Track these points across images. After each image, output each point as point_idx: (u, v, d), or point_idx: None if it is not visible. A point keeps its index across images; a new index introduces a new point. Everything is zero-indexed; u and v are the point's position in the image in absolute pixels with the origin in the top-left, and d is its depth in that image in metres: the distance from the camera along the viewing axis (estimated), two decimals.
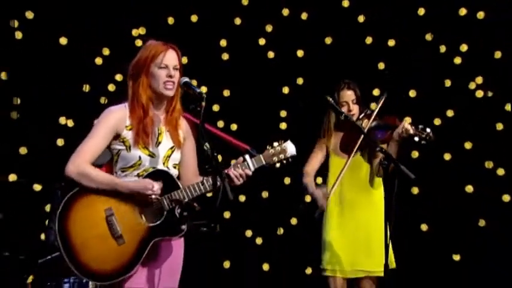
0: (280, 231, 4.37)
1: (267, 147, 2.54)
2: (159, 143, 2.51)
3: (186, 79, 2.48)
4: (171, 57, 2.48)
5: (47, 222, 3.90)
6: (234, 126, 4.29)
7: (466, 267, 4.31)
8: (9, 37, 4.19)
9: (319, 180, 4.38)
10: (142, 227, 2.43)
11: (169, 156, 2.53)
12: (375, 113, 3.49)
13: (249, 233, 4.39)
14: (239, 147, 2.67)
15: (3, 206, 4.08)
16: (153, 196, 2.43)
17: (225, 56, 4.39)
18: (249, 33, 4.48)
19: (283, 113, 4.48)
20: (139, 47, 4.09)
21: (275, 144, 2.54)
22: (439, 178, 4.14)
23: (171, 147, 2.54)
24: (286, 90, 4.50)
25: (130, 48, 4.11)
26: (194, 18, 4.39)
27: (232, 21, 4.44)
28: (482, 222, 4.34)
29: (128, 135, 2.48)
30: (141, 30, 4.33)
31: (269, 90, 4.44)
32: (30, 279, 3.71)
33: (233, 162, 2.54)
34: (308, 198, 4.36)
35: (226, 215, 4.32)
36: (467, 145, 4.35)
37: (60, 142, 4.18)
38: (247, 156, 2.49)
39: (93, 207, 2.44)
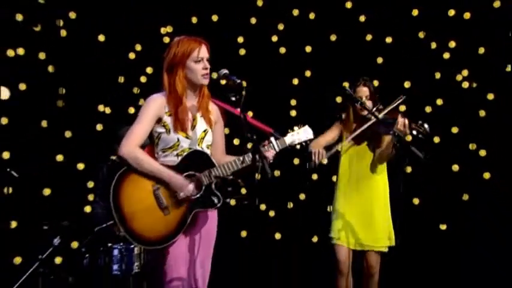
0: (290, 205, 4.53)
1: (289, 130, 2.64)
2: (194, 126, 2.63)
3: (226, 71, 2.54)
4: (204, 51, 2.60)
5: (91, 197, 4.09)
6: (250, 113, 4.30)
7: (451, 235, 4.47)
8: (55, 35, 4.27)
9: (315, 176, 4.56)
10: (184, 200, 2.55)
11: (203, 138, 2.64)
12: (387, 109, 3.48)
13: (263, 207, 4.55)
14: (264, 130, 2.67)
15: (52, 183, 4.18)
16: (181, 195, 2.53)
17: (242, 51, 4.54)
18: (263, 31, 4.59)
19: (293, 102, 4.61)
20: (167, 43, 4.25)
21: (295, 128, 2.66)
22: (429, 158, 4.08)
23: (205, 130, 2.65)
24: (295, 81, 4.62)
25: (159, 44, 4.33)
26: (215, 17, 4.52)
27: (248, 20, 4.57)
28: (465, 196, 4.51)
29: (168, 120, 2.59)
30: (169, 29, 4.44)
31: (281, 81, 4.56)
32: (74, 245, 3.98)
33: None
34: (314, 177, 4.58)
35: (243, 191, 4.29)
36: (454, 129, 4.52)
37: (99, 127, 4.32)
38: (272, 139, 2.58)
39: (142, 183, 2.55)
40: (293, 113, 4.61)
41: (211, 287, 2.69)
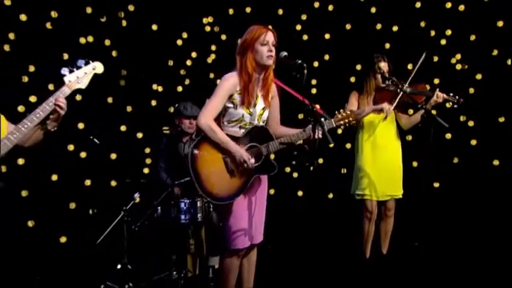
0: (310, 168, 4.54)
1: (336, 112, 2.85)
2: (255, 104, 2.86)
3: (285, 53, 2.68)
4: (270, 36, 2.79)
5: (149, 160, 4.59)
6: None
7: (442, 193, 4.92)
8: (117, 24, 4.62)
9: (331, 144, 4.72)
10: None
11: (261, 115, 2.89)
12: (412, 74, 3.70)
13: (287, 169, 4.99)
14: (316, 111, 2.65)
15: (117, 149, 4.59)
16: (245, 166, 2.74)
17: None
18: (289, 21, 4.91)
19: (313, 81, 4.98)
20: (209, 32, 4.65)
21: (339, 112, 2.86)
22: (426, 128, 3.93)
23: (263, 108, 2.88)
24: (316, 64, 4.99)
25: (202, 33, 4.80)
26: (248, 9, 4.91)
27: (276, 11, 4.94)
28: (456, 160, 4.97)
29: (237, 97, 2.80)
30: (210, 19, 4.80)
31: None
32: (137, 199, 4.28)
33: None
34: (330, 145, 4.57)
35: (272, 156, 4.52)
36: (448, 104, 4.61)
37: (153, 102, 4.74)
38: (322, 119, 2.71)
39: (214, 150, 2.81)
40: (313, 90, 5.01)
41: None
